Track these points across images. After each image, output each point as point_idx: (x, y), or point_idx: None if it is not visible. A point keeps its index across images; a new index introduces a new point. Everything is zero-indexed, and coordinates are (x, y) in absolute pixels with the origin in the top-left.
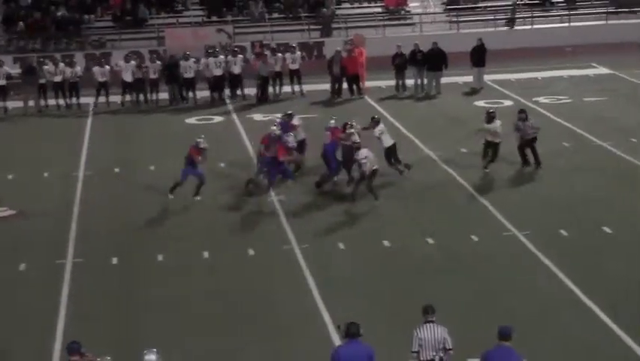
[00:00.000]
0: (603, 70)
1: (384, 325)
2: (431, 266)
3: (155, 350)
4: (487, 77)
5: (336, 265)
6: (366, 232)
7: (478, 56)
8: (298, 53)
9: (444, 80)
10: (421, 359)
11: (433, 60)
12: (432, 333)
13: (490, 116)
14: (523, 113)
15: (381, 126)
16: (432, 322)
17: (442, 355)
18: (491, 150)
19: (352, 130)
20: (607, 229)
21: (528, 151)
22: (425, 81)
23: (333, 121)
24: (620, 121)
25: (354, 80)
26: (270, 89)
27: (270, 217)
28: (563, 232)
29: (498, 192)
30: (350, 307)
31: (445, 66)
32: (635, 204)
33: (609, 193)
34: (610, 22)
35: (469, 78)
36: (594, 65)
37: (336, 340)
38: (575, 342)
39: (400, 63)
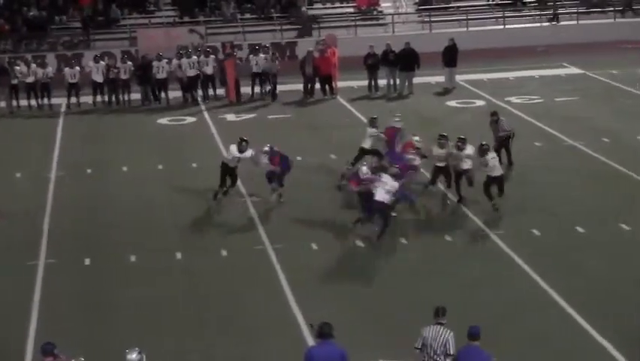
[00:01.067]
0: (574, 70)
1: (357, 326)
2: (405, 266)
3: (137, 349)
4: (459, 77)
5: (308, 265)
6: (338, 232)
7: (450, 56)
8: (270, 53)
9: (416, 80)
10: (423, 359)
11: (406, 60)
12: (435, 335)
13: (483, 150)
14: (495, 116)
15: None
16: (441, 324)
17: (442, 358)
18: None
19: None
20: (580, 229)
21: (502, 151)
22: (397, 81)
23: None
24: (592, 121)
25: (327, 80)
26: (248, 90)
27: (243, 218)
28: (536, 232)
29: (471, 192)
30: (323, 308)
31: (418, 66)
32: (607, 204)
33: (582, 193)
34: (581, 22)
35: (441, 78)
36: (565, 64)
37: (310, 340)
38: (546, 341)
39: (372, 63)
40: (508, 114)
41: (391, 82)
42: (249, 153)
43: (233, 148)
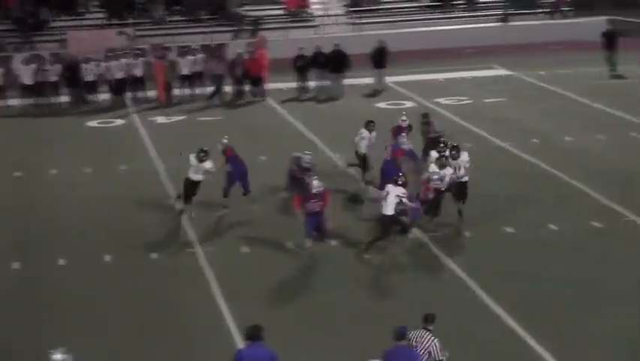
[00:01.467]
0: (503, 71)
1: (288, 328)
2: (334, 270)
3: (62, 349)
4: (388, 79)
5: (239, 268)
6: (268, 234)
7: (379, 58)
8: (200, 54)
9: (346, 81)
10: None
11: (335, 62)
12: (420, 339)
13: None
14: (426, 117)
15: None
16: (428, 330)
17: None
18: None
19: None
20: (509, 229)
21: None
22: (327, 83)
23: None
24: (521, 122)
25: (257, 81)
26: (178, 92)
27: (173, 220)
28: (467, 233)
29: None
30: (253, 310)
31: (347, 68)
32: (536, 205)
33: (511, 193)
34: (510, 23)
35: (371, 80)
36: (494, 66)
37: (240, 343)
38: (476, 342)
39: (302, 65)
40: (438, 115)
41: (321, 84)
42: (208, 164)
43: (192, 158)
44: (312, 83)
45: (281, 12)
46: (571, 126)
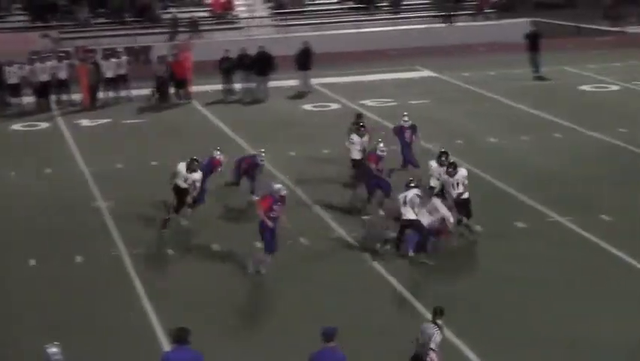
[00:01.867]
0: (427, 73)
1: (213, 331)
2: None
3: (56, 343)
4: (314, 81)
5: (164, 270)
6: (195, 237)
7: (304, 60)
8: (124, 57)
9: (271, 83)
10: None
11: (261, 64)
12: (425, 329)
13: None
14: (360, 118)
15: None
16: (434, 323)
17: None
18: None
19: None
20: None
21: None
22: (253, 85)
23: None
24: (445, 123)
25: (181, 84)
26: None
27: (99, 224)
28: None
29: (325, 195)
30: (179, 313)
31: (272, 70)
32: None
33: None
34: (433, 25)
35: (296, 82)
36: (418, 67)
37: (166, 346)
38: (398, 338)
39: (227, 67)
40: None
41: (247, 86)
42: (198, 174)
43: (182, 167)
44: (237, 86)
45: (206, 14)
46: (495, 127)
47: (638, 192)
